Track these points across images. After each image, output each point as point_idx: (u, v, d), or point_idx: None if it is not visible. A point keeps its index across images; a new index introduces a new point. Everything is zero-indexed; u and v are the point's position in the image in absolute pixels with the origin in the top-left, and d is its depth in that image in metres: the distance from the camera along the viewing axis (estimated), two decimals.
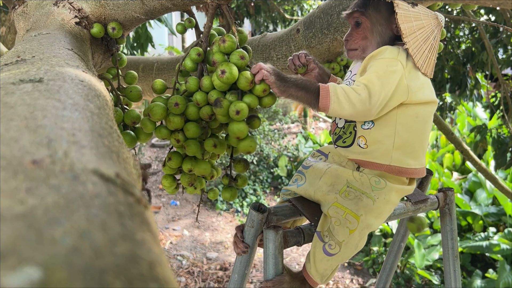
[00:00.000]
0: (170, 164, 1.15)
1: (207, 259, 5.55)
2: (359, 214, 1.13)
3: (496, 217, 5.68)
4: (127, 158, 0.46)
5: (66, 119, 0.41)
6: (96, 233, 0.21)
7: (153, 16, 1.12)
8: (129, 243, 0.22)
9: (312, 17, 1.53)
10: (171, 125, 1.07)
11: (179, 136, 1.08)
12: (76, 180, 0.27)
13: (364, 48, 1.23)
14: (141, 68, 2.03)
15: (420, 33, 1.15)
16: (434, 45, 1.18)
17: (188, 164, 1.15)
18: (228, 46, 1.03)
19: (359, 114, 1.11)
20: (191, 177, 1.19)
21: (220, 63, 1.02)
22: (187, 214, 6.64)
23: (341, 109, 1.09)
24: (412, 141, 1.18)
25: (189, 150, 1.10)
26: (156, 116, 1.04)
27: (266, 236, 1.12)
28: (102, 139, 0.40)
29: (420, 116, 1.18)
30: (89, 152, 0.34)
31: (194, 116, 1.08)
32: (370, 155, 1.19)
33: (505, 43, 4.76)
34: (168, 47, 4.75)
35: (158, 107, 1.03)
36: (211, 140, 1.13)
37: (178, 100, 1.04)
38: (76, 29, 1.08)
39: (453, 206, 1.42)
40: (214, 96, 1.04)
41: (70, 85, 0.54)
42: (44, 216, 0.21)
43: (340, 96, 1.08)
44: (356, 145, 1.21)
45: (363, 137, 1.19)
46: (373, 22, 1.20)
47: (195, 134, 1.08)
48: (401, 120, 1.16)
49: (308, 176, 1.27)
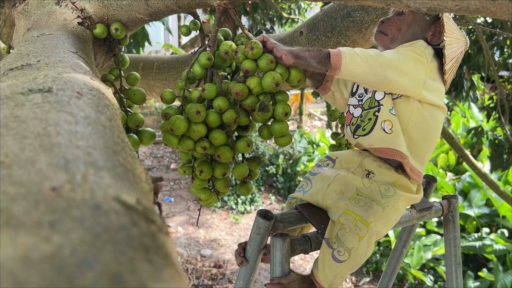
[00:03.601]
0: (204, 176, 1.15)
1: (201, 256, 5.54)
2: (369, 221, 1.13)
3: (489, 218, 5.71)
4: (140, 174, 0.45)
5: (80, 135, 0.39)
6: (126, 276, 0.20)
7: (157, 17, 1.11)
8: (159, 285, 0.21)
9: (315, 20, 1.52)
10: (196, 134, 1.06)
11: (206, 144, 1.08)
12: (99, 210, 0.26)
13: (393, 38, 1.24)
14: (140, 66, 2.00)
15: (454, 40, 1.20)
16: (458, 61, 1.23)
17: (221, 169, 1.15)
18: (257, 52, 1.04)
19: (371, 69, 1.08)
20: (226, 180, 1.20)
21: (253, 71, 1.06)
22: (182, 211, 6.63)
23: (354, 63, 1.07)
24: (420, 141, 1.19)
25: (224, 157, 1.10)
26: (180, 130, 1.03)
27: (273, 244, 1.12)
28: (117, 156, 0.39)
29: (433, 120, 1.19)
30: (107, 175, 0.32)
31: (216, 122, 1.07)
32: (394, 141, 1.18)
33: (501, 45, 4.78)
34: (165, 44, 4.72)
35: (180, 120, 1.03)
36: (243, 141, 1.14)
37: (198, 108, 1.03)
38: (78, 30, 1.06)
39: (456, 213, 1.43)
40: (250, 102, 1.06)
41: (79, 95, 0.52)
42: (72, 257, 0.20)
43: (352, 54, 1.08)
44: (379, 130, 1.20)
45: (389, 121, 1.18)
46: (415, 19, 1.23)
47: (223, 141, 1.09)
48: (415, 117, 1.17)
49: (315, 182, 1.26)
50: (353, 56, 1.07)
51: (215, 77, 1.08)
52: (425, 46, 1.18)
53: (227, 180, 1.20)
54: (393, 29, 1.24)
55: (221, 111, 1.06)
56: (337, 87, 1.33)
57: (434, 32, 1.22)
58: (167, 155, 8.67)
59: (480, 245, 5.12)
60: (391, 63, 1.08)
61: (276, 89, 1.05)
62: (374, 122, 1.21)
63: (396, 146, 1.17)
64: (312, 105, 11.46)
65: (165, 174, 7.89)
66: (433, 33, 1.22)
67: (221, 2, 0.98)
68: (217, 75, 1.08)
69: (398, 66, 1.09)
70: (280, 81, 1.04)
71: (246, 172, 1.18)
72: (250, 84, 1.05)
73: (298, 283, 1.19)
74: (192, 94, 1.11)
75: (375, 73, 1.08)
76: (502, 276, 4.72)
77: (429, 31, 1.22)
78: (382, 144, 1.19)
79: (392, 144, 1.18)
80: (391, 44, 1.25)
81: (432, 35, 1.22)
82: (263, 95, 1.08)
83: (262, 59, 1.05)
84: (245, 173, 1.19)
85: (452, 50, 1.19)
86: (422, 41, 1.19)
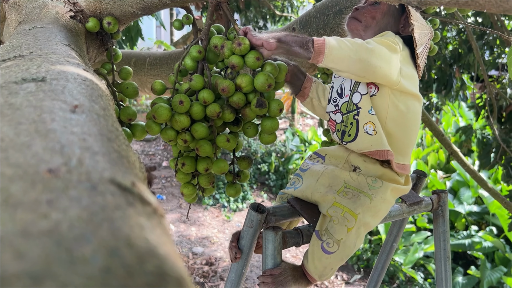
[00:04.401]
0: (185, 169, 1.13)
1: (193, 254, 5.54)
2: (356, 212, 1.14)
3: (479, 215, 5.78)
4: (135, 162, 0.46)
5: (75, 122, 0.40)
6: (124, 250, 0.21)
7: (150, 11, 1.11)
8: (155, 260, 0.22)
9: (308, 17, 1.53)
10: (178, 124, 1.05)
11: (187, 137, 1.07)
12: (95, 190, 0.27)
13: (366, 27, 1.25)
14: (133, 62, 2.00)
15: (421, 28, 1.22)
16: (427, 46, 1.25)
17: (203, 163, 1.14)
18: (244, 48, 1.03)
19: (358, 57, 1.05)
20: (209, 176, 1.18)
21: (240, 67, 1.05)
22: (173, 208, 6.61)
23: (339, 49, 1.05)
24: (399, 135, 1.20)
25: (202, 151, 1.09)
26: (161, 117, 1.02)
27: (266, 237, 1.13)
28: (111, 143, 0.40)
29: (410, 112, 1.20)
30: (103, 159, 0.33)
31: (199, 115, 1.07)
32: (380, 142, 1.18)
33: (491, 45, 4.83)
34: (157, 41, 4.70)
35: (163, 108, 1.02)
36: (223, 135, 1.12)
37: (182, 98, 1.03)
38: (71, 23, 1.06)
39: (446, 208, 1.45)
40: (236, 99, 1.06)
41: (73, 84, 0.53)
42: (70, 232, 0.21)
43: (337, 39, 1.07)
44: (363, 133, 1.19)
45: (371, 123, 1.18)
46: (390, 10, 1.24)
47: (205, 134, 1.08)
48: (391, 114, 1.18)
49: (306, 178, 1.27)
50: (338, 41, 1.05)
51: (206, 71, 1.09)
52: (394, 35, 1.19)
53: (210, 176, 1.19)
54: (367, 17, 1.24)
55: (206, 103, 1.06)
56: (316, 94, 1.33)
57: (404, 24, 1.25)
58: (158, 153, 8.64)
59: (469, 243, 5.18)
60: (374, 49, 1.07)
61: (268, 90, 1.05)
62: (357, 126, 1.21)
63: (384, 146, 1.18)
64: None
65: (157, 171, 7.86)
66: (403, 24, 1.25)
67: None
68: (207, 69, 1.08)
69: (381, 53, 1.08)
70: (273, 82, 1.04)
71: (225, 168, 1.17)
72: (242, 83, 1.04)
73: (290, 272, 1.20)
74: (182, 86, 1.12)
75: (360, 58, 1.05)
76: (489, 273, 4.78)
77: (400, 22, 1.25)
78: (370, 148, 1.20)
79: (380, 145, 1.18)
80: (364, 32, 1.24)
81: (403, 27, 1.25)
82: (253, 93, 1.08)
83: (249, 56, 1.05)
84: (225, 169, 1.17)
85: (420, 35, 1.21)
86: (390, 33, 1.21)
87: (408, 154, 1.24)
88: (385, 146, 1.17)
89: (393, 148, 1.19)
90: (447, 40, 4.92)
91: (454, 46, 4.96)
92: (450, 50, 4.94)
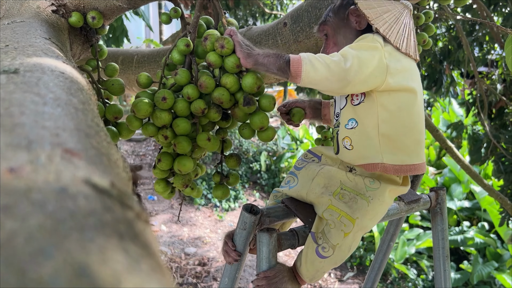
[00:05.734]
0: (161, 165, 1.08)
1: (185, 254, 5.49)
2: (354, 217, 1.10)
3: (470, 211, 5.80)
4: (117, 160, 0.41)
5: (48, 116, 0.35)
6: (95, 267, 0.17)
7: (136, 5, 1.06)
8: (136, 278, 0.17)
9: (299, 11, 1.49)
10: (158, 121, 1.00)
11: (167, 133, 1.02)
12: (65, 193, 0.22)
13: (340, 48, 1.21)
14: (120, 60, 1.94)
15: (387, 15, 1.13)
16: (408, 25, 1.15)
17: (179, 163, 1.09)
18: (225, 52, 0.99)
19: (336, 78, 1.02)
20: (185, 178, 1.12)
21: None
22: (165, 209, 6.55)
23: (315, 71, 1.01)
24: (399, 137, 1.13)
25: (179, 147, 1.03)
26: (141, 112, 0.97)
27: (260, 239, 1.08)
28: (89, 139, 0.35)
29: (403, 109, 1.12)
30: (79, 159, 0.28)
31: (184, 111, 1.01)
32: (359, 156, 1.14)
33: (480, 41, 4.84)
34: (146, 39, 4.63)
35: (143, 103, 0.97)
36: (204, 134, 1.07)
37: (165, 94, 0.97)
38: (53, 18, 1.00)
39: (444, 205, 1.41)
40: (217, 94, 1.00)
41: (50, 77, 0.48)
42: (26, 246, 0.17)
43: (313, 59, 1.02)
44: (343, 148, 1.17)
45: (347, 137, 1.15)
46: (334, 28, 1.20)
47: (186, 131, 1.02)
48: (382, 116, 1.11)
49: (301, 177, 1.23)
50: (313, 62, 1.02)
51: (193, 65, 1.04)
52: (370, 36, 1.11)
53: (186, 178, 1.13)
54: (331, 50, 1.20)
55: (190, 99, 1.00)
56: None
57: (356, 20, 1.16)
58: (149, 153, 8.56)
59: (461, 239, 5.19)
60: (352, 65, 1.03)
61: (257, 91, 1.01)
62: (337, 141, 1.19)
63: (366, 160, 1.14)
64: None
65: (148, 172, 7.78)
66: (355, 21, 1.16)
67: None
68: (195, 63, 1.03)
69: (360, 63, 1.04)
70: (262, 83, 1.00)
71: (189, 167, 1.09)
72: (226, 83, 0.99)
73: (284, 273, 1.16)
74: (168, 81, 1.07)
75: (338, 78, 1.03)
76: (480, 268, 4.81)
77: (351, 22, 1.17)
78: (357, 162, 1.16)
79: (361, 159, 1.14)
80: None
81: (357, 23, 1.16)
82: (240, 92, 1.03)
83: (229, 59, 1.00)
84: (189, 168, 1.09)
85: (390, 25, 1.12)
86: (365, 34, 1.13)
87: (416, 151, 1.16)
88: (365, 159, 1.14)
89: (396, 149, 1.13)
90: (437, 36, 4.92)
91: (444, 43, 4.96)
92: (440, 47, 4.95)
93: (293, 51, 1.52)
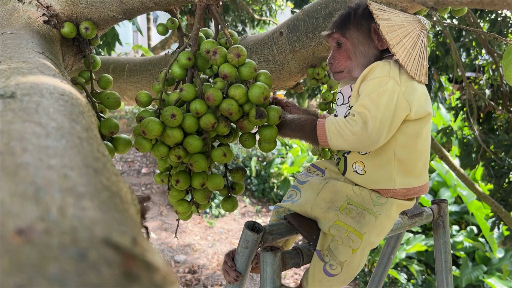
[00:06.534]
0: (180, 186, 1.04)
1: (175, 262, 5.43)
2: (362, 232, 1.08)
3: (458, 215, 5.85)
4: (126, 195, 0.38)
5: (53, 151, 0.32)
6: None
7: (131, 15, 1.03)
8: None
9: (296, 20, 1.46)
10: (171, 140, 0.96)
11: (180, 152, 0.98)
12: (85, 261, 0.19)
13: (350, 70, 1.16)
14: (111, 69, 1.90)
15: (407, 40, 1.09)
16: (423, 49, 1.13)
17: (199, 178, 1.05)
18: (242, 60, 0.97)
19: (362, 143, 1.03)
20: (205, 192, 1.09)
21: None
22: (154, 216, 6.48)
23: (343, 141, 1.04)
24: (412, 161, 1.13)
25: (197, 166, 1.00)
26: (152, 133, 0.93)
27: (264, 259, 1.04)
28: (99, 176, 0.32)
29: (422, 134, 1.12)
30: (91, 204, 0.25)
31: (193, 128, 0.98)
32: (371, 181, 1.13)
33: (467, 47, 4.90)
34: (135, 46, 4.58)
35: (154, 123, 0.93)
36: (219, 150, 1.04)
37: (174, 111, 0.93)
38: (44, 29, 0.96)
39: (446, 218, 1.39)
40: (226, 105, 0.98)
41: (49, 101, 0.45)
42: None
43: (336, 132, 1.04)
44: (352, 172, 1.16)
45: (360, 162, 1.14)
46: (354, 43, 1.14)
47: (199, 148, 0.99)
48: (400, 141, 1.10)
49: (304, 191, 1.20)
50: (337, 138, 1.05)
51: (196, 79, 1.00)
52: (386, 69, 1.06)
53: (206, 191, 1.10)
54: (343, 63, 1.15)
55: (198, 115, 0.97)
56: None
57: (378, 38, 1.12)
58: (138, 160, 8.46)
59: (451, 243, 5.23)
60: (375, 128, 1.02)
61: (264, 102, 0.98)
62: (345, 163, 1.17)
63: (377, 185, 1.13)
64: None
65: (136, 179, 7.70)
66: (378, 39, 1.12)
67: None
68: (198, 77, 0.99)
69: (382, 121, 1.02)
70: (269, 94, 0.98)
71: (221, 184, 1.08)
72: (235, 95, 0.97)
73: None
74: (170, 96, 1.02)
75: (365, 145, 1.04)
76: (469, 271, 4.84)
77: (373, 40, 1.13)
78: (366, 185, 1.15)
79: (373, 184, 1.13)
80: (352, 74, 1.16)
81: (378, 42, 1.12)
82: (248, 104, 1.00)
83: (246, 67, 0.97)
84: (220, 185, 1.08)
85: (408, 52, 1.09)
86: (380, 64, 1.08)
87: (423, 173, 1.18)
88: (378, 184, 1.13)
89: (408, 173, 1.13)
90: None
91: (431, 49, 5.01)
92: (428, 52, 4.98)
93: (290, 61, 1.50)
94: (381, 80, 1.05)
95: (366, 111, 1.02)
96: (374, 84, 1.05)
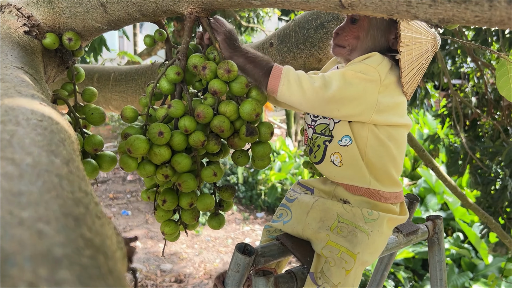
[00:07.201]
0: (167, 206, 0.98)
1: (161, 271, 5.35)
2: (355, 252, 1.04)
3: (445, 222, 5.89)
4: (111, 240, 0.34)
5: (26, 200, 0.28)
6: None
7: (116, 26, 0.98)
8: None
9: (286, 31, 1.44)
10: (158, 158, 0.90)
11: (168, 171, 0.93)
12: None
13: (352, 49, 1.12)
14: (96, 78, 1.84)
15: (416, 47, 1.07)
16: (424, 65, 1.11)
17: (187, 198, 0.99)
18: (233, 76, 0.93)
19: (308, 103, 0.99)
20: (194, 212, 1.03)
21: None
22: (140, 224, 6.39)
23: (290, 94, 0.99)
24: (383, 166, 1.10)
25: (185, 186, 0.95)
26: (139, 151, 0.87)
27: (256, 285, 1.00)
28: (80, 228, 0.28)
29: (392, 141, 1.10)
30: (69, 277, 0.21)
31: (181, 145, 0.92)
32: (346, 176, 1.10)
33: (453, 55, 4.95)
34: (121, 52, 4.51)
35: (140, 141, 0.87)
36: (209, 169, 0.99)
37: (161, 128, 0.88)
38: (25, 39, 0.91)
39: (441, 235, 1.37)
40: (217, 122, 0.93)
41: (26, 129, 0.40)
42: None
43: (292, 80, 0.98)
44: (328, 162, 1.12)
45: (338, 154, 1.10)
46: (372, 24, 1.10)
47: (188, 167, 0.93)
48: (371, 142, 1.08)
49: (294, 211, 1.16)
50: (291, 84, 0.98)
51: (185, 94, 0.95)
52: (378, 62, 1.04)
53: (195, 211, 1.04)
54: (350, 39, 1.11)
55: (187, 132, 0.92)
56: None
57: (394, 33, 1.08)
58: None
59: None
60: (334, 96, 0.99)
61: (256, 119, 0.94)
62: (324, 152, 1.13)
63: (351, 181, 1.10)
64: (272, 113, 11.45)
65: (121, 186, 7.59)
66: (395, 36, 1.08)
67: (192, 10, 0.87)
68: (187, 92, 0.95)
69: (343, 96, 1.00)
70: (261, 110, 0.94)
71: (211, 204, 1.03)
72: (226, 112, 0.92)
73: None
74: (158, 112, 0.97)
75: (312, 106, 1.00)
76: (455, 278, 4.86)
77: (391, 33, 1.09)
78: (339, 179, 1.12)
79: (347, 179, 1.11)
80: (350, 55, 1.13)
81: (394, 38, 1.08)
82: (240, 120, 0.97)
83: (236, 82, 0.94)
84: (211, 206, 1.03)
85: (412, 59, 1.07)
86: (377, 55, 1.05)
87: (396, 181, 1.14)
88: (352, 180, 1.10)
89: (377, 178, 1.10)
90: None
91: None
92: None
93: None
94: (367, 68, 1.03)
95: (333, 80, 1.00)
96: (359, 67, 1.03)
